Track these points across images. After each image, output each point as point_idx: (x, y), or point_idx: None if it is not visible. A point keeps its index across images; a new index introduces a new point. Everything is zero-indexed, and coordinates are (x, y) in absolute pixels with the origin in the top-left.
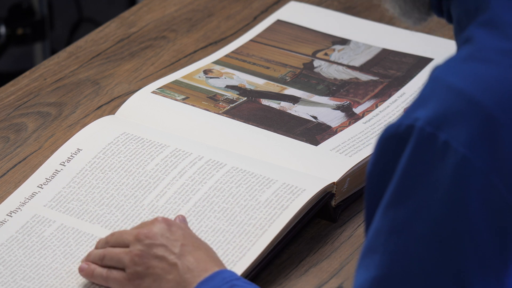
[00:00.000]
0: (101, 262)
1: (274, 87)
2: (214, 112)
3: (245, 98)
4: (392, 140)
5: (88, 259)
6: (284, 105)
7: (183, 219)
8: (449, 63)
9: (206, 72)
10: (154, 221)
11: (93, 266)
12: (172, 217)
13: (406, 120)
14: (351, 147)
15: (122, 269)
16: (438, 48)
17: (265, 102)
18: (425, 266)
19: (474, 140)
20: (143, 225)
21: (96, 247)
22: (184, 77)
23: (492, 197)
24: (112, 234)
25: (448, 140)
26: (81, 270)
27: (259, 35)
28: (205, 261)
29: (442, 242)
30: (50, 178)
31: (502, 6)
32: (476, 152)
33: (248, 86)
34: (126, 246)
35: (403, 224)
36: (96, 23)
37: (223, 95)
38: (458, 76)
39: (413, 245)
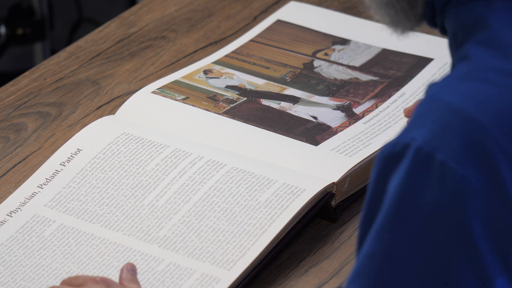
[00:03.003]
0: None
1: (274, 87)
2: (214, 112)
3: (245, 98)
4: (388, 159)
5: None
6: (284, 105)
7: (131, 268)
8: (446, 81)
9: (206, 72)
10: (93, 280)
11: None
12: (172, 217)
13: (402, 139)
14: (351, 147)
15: None
16: (438, 48)
17: (265, 102)
18: None
19: (470, 159)
20: (81, 282)
21: None
22: (184, 77)
23: (492, 218)
24: None
25: (445, 160)
26: None
27: (259, 35)
28: None
29: (442, 266)
30: (50, 178)
31: (502, 25)
32: (472, 171)
33: (248, 86)
34: None
35: (400, 247)
36: (96, 23)
37: (223, 95)
38: (455, 94)
39: (411, 270)
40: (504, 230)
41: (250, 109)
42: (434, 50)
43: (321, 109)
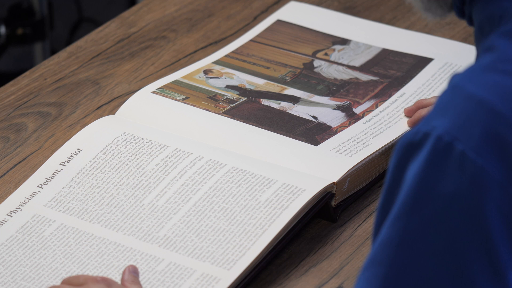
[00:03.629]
0: None
1: (274, 87)
2: (214, 112)
3: (245, 98)
4: (408, 148)
5: None
6: (284, 105)
7: (133, 270)
8: (469, 72)
9: (206, 72)
10: (94, 279)
11: None
12: (172, 216)
13: (423, 127)
14: (351, 147)
15: None
16: (438, 48)
17: (265, 102)
18: (436, 280)
19: (490, 150)
20: (82, 281)
21: None
22: (184, 77)
23: (509, 211)
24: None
25: (465, 151)
26: None
27: (259, 35)
28: None
29: (457, 254)
30: (50, 178)
31: None
32: (492, 163)
33: (248, 86)
34: None
35: (415, 235)
36: (96, 23)
37: (223, 95)
38: (478, 85)
39: (424, 258)
40: None
41: (250, 109)
42: (434, 50)
43: (321, 109)
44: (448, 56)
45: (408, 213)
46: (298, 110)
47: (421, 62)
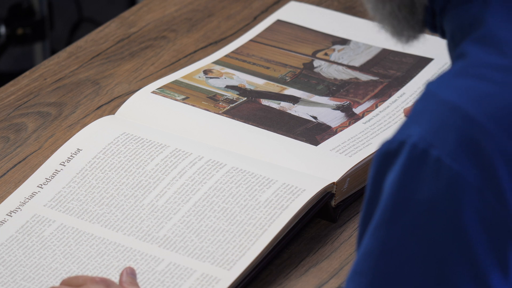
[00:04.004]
0: None
1: (274, 87)
2: (214, 112)
3: (245, 98)
4: (385, 157)
5: None
6: (284, 105)
7: (131, 272)
8: (442, 79)
9: (206, 72)
10: (92, 280)
11: None
12: (172, 216)
13: (398, 136)
14: (351, 147)
15: None
16: (438, 48)
17: (265, 102)
18: (419, 286)
19: (465, 155)
20: (81, 282)
21: None
22: (184, 77)
23: (486, 212)
24: None
25: (440, 157)
26: None
27: (259, 35)
28: None
29: (438, 261)
30: (50, 178)
31: (497, 22)
32: (467, 167)
33: (248, 86)
34: None
35: (395, 244)
36: (96, 23)
37: (223, 95)
38: (451, 91)
39: (406, 266)
40: (499, 227)
41: (250, 109)
42: (434, 50)
43: (321, 109)
44: (448, 56)
45: (387, 222)
46: (298, 110)
47: (421, 62)
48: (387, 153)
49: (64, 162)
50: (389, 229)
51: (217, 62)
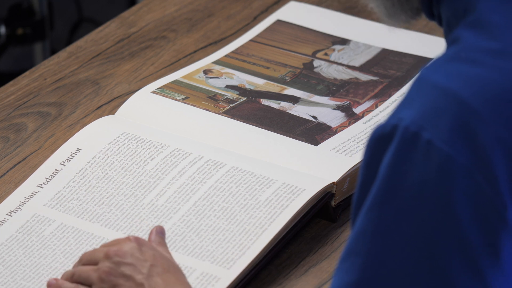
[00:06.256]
0: (71, 279)
1: (274, 87)
2: (214, 112)
3: (245, 98)
4: (378, 142)
5: (61, 277)
6: (284, 105)
7: (160, 231)
8: (434, 63)
9: (206, 72)
10: (126, 239)
11: (61, 281)
12: (172, 216)
13: (391, 120)
14: (351, 147)
15: (90, 286)
16: (438, 48)
17: (265, 102)
18: (411, 267)
19: (457, 138)
20: (115, 242)
21: (73, 267)
22: (184, 77)
23: (477, 195)
24: (84, 253)
25: (431, 139)
26: (49, 286)
27: (259, 35)
28: (174, 283)
29: (429, 243)
30: (50, 178)
31: (489, 6)
32: (459, 150)
33: (248, 86)
34: (96, 263)
35: (388, 224)
36: (96, 23)
37: (223, 95)
38: (442, 75)
39: (398, 247)
40: (490, 211)
41: (250, 109)
42: (434, 50)
43: (321, 109)
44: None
45: (380, 203)
46: (298, 110)
47: (421, 62)
48: (380, 137)
49: (64, 162)
50: (381, 211)
51: (217, 62)
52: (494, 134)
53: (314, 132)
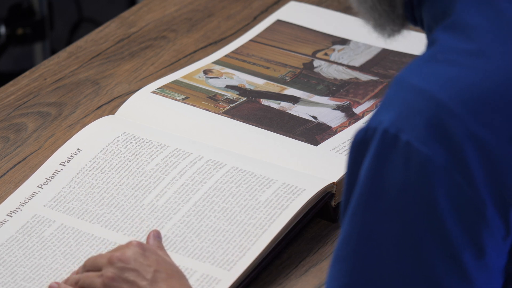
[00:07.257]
0: (76, 286)
1: (274, 87)
2: (214, 112)
3: (245, 98)
4: (359, 145)
5: (66, 282)
6: (284, 105)
7: (157, 235)
8: (412, 65)
9: (206, 72)
10: (129, 244)
11: (64, 285)
12: (172, 216)
13: (371, 124)
14: None
15: None
16: None
17: (265, 102)
18: (397, 269)
19: (432, 137)
20: (118, 248)
21: (76, 273)
22: (184, 77)
23: (457, 195)
24: (88, 259)
25: (410, 140)
26: None
27: (259, 35)
28: None
29: (413, 244)
30: (50, 178)
31: (466, 9)
32: (436, 150)
33: (248, 86)
34: (99, 269)
35: (372, 228)
36: (96, 23)
37: (223, 95)
38: (419, 76)
39: (383, 248)
40: (469, 207)
41: (250, 109)
42: None
43: (321, 109)
44: None
45: (363, 207)
46: (298, 110)
47: None
48: (361, 141)
49: (64, 162)
50: (364, 214)
51: (217, 62)
52: (467, 131)
53: (314, 132)
